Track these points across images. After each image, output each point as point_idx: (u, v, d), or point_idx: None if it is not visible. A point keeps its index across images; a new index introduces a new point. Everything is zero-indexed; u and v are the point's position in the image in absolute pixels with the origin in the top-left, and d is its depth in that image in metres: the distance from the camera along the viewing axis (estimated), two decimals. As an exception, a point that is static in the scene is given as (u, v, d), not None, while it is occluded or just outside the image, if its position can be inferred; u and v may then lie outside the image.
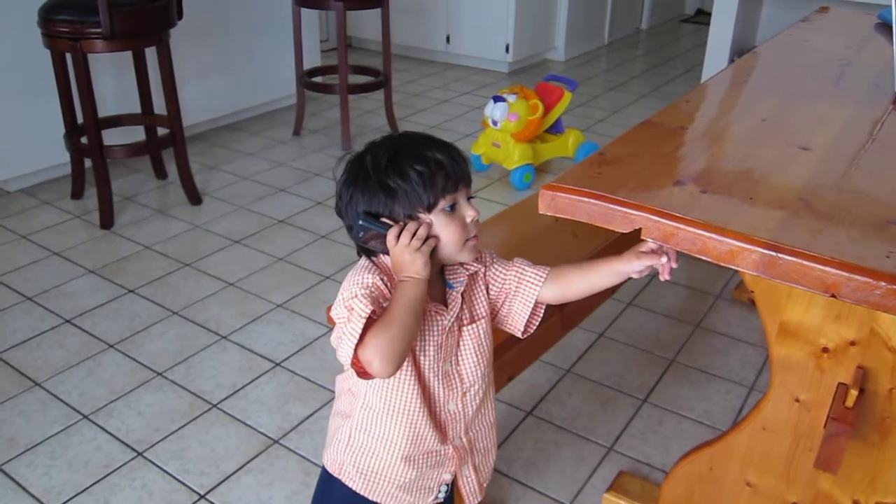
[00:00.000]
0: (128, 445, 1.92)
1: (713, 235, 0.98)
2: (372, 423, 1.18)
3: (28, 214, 3.09)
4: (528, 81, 4.04)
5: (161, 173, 3.40)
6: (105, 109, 3.15)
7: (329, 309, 1.12)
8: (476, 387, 1.20)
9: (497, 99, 3.31)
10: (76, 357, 2.23)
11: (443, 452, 1.21)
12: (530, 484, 1.83)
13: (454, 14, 5.19)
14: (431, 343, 1.12)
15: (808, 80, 1.82)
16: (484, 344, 1.18)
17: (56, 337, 2.33)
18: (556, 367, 2.23)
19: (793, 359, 1.36)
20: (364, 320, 1.00)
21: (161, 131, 3.27)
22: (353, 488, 1.22)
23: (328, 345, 2.31)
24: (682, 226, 1.00)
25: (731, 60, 4.05)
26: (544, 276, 1.19)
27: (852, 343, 1.27)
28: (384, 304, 1.04)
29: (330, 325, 1.13)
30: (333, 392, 2.10)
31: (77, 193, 3.20)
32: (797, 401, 1.40)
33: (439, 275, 1.14)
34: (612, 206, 1.03)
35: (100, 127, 2.93)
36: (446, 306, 1.13)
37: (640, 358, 2.30)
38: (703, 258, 1.00)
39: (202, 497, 1.77)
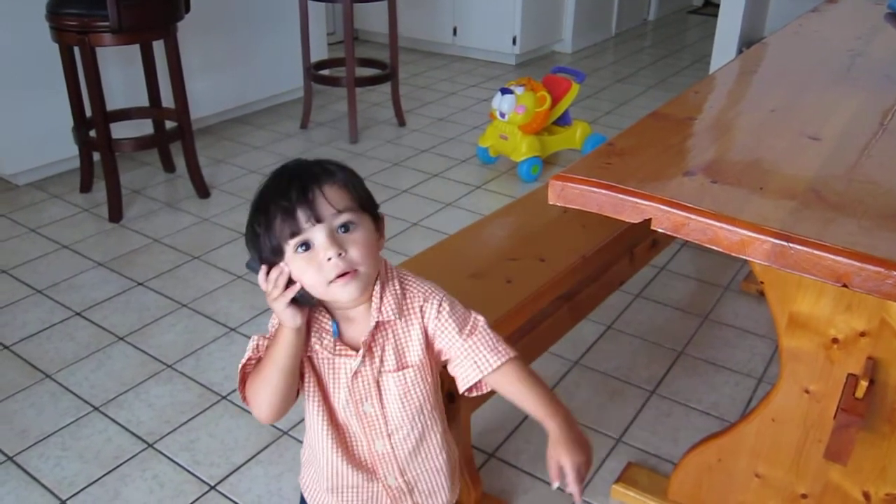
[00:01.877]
0: (138, 437, 1.93)
1: (724, 225, 0.98)
2: (304, 451, 1.21)
3: (37, 208, 3.10)
4: (535, 73, 4.03)
5: (169, 166, 3.41)
6: (113, 103, 3.15)
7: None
8: (404, 431, 1.09)
9: (505, 91, 3.31)
10: (86, 349, 2.25)
11: (372, 489, 1.14)
12: (538, 475, 1.83)
13: (461, 6, 5.18)
14: (340, 385, 1.05)
15: (817, 70, 1.81)
16: (413, 391, 1.07)
17: (66, 329, 2.34)
18: (565, 358, 2.23)
19: (802, 350, 1.36)
20: (240, 369, 1.06)
21: (169, 125, 3.28)
22: None
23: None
24: (692, 216, 1.00)
25: (740, 52, 4.04)
26: (493, 368, 1.05)
27: (862, 334, 1.27)
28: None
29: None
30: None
31: (86, 187, 3.21)
32: (807, 392, 1.40)
33: (364, 315, 1.04)
34: (621, 196, 1.03)
35: (108, 120, 2.93)
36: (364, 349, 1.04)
37: (649, 350, 2.29)
38: (714, 248, 0.99)
39: (212, 488, 1.78)
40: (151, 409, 2.02)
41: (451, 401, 1.58)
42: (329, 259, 0.94)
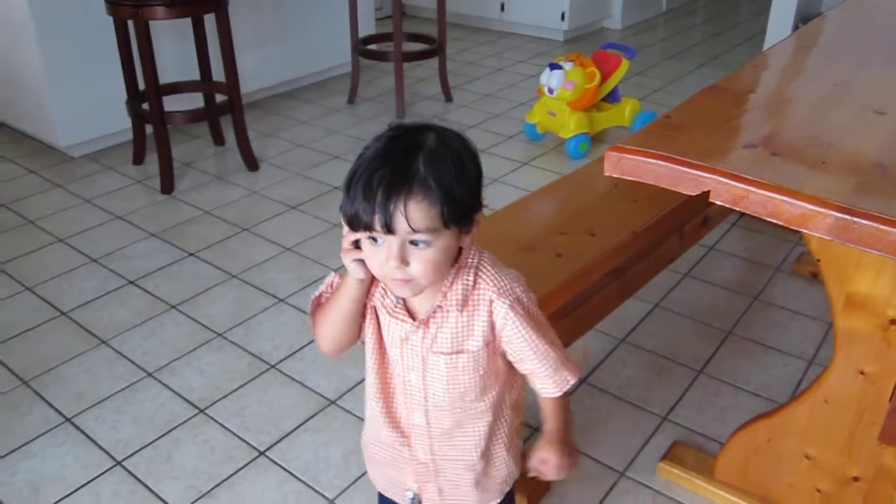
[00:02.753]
0: (190, 403, 1.97)
1: (785, 198, 0.96)
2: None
3: (91, 179, 3.17)
4: (583, 50, 3.97)
5: (219, 140, 3.45)
6: (165, 76, 3.20)
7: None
8: (443, 411, 1.10)
9: (553, 67, 3.27)
10: (140, 317, 2.30)
11: (402, 454, 1.17)
12: (583, 450, 1.83)
13: (509, -19, 5.13)
14: (394, 343, 1.08)
15: (880, 44, 1.76)
16: (461, 377, 1.07)
17: (120, 297, 2.40)
18: (611, 335, 2.22)
19: (859, 330, 1.33)
20: (312, 300, 1.11)
21: (219, 98, 3.32)
22: None
23: (383, 310, 2.33)
24: (752, 188, 0.98)
25: (796, 27, 3.93)
26: (549, 395, 1.12)
27: (923, 314, 1.24)
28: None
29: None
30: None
31: (138, 159, 3.27)
32: (862, 373, 1.38)
33: (432, 291, 1.04)
34: (680, 167, 1.02)
35: (160, 94, 2.98)
36: (420, 323, 1.05)
37: (697, 329, 2.27)
38: (774, 221, 0.98)
39: (262, 454, 1.82)
40: (203, 375, 2.06)
41: (498, 374, 1.58)
42: (390, 266, 0.94)
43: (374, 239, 0.94)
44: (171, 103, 3.12)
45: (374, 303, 1.07)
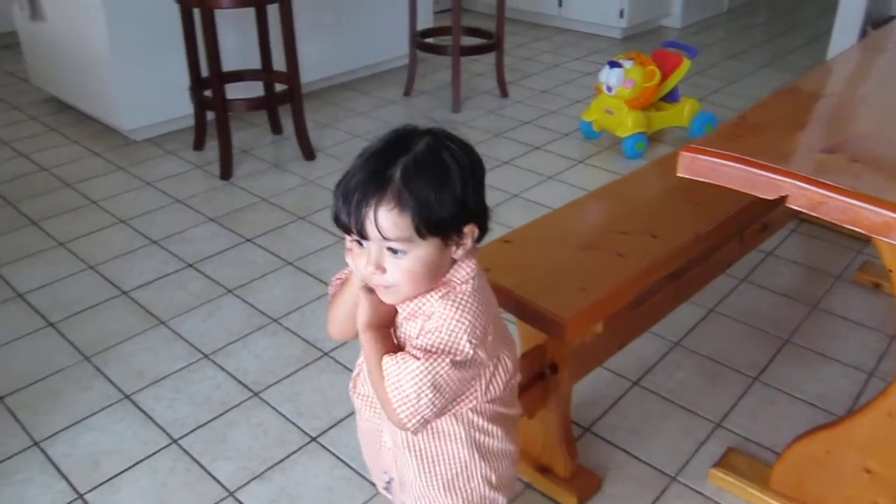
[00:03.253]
0: (245, 385, 2.01)
1: (867, 206, 0.94)
2: None
3: (153, 163, 3.24)
4: (641, 48, 3.92)
5: (277, 128, 3.50)
6: (227, 65, 3.25)
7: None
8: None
9: (613, 64, 3.24)
10: (198, 299, 2.35)
11: (378, 439, 1.17)
12: (633, 452, 1.82)
13: (568, -23, 5.09)
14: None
15: (962, 50, 1.70)
16: None
17: (179, 279, 2.45)
18: (665, 339, 2.20)
19: (931, 343, 1.30)
20: (331, 281, 1.15)
21: (278, 88, 3.36)
22: None
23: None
24: (832, 194, 0.96)
25: (864, 30, 3.82)
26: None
27: None
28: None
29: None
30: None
31: (198, 145, 3.33)
32: (931, 387, 1.34)
33: None
34: (756, 170, 1.00)
35: (223, 81, 3.02)
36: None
37: (752, 335, 2.23)
38: (854, 229, 0.95)
39: (313, 440, 1.84)
40: (258, 360, 2.10)
41: (553, 371, 1.58)
42: (371, 273, 0.96)
43: (359, 242, 0.96)
44: (233, 91, 3.16)
45: None
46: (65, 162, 3.25)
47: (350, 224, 0.93)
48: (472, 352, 0.98)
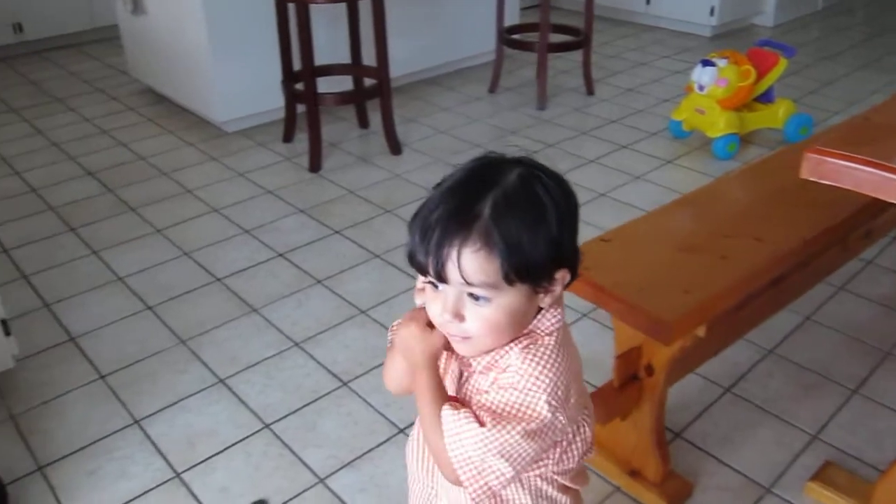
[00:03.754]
0: (334, 375, 2.04)
1: None
2: None
3: (244, 154, 3.32)
4: (732, 47, 3.81)
5: (364, 122, 3.54)
6: (317, 59, 3.30)
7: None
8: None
9: (706, 63, 3.16)
10: (288, 288, 2.40)
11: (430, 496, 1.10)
12: (725, 460, 1.77)
13: (657, -26, 5.00)
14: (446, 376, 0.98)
15: None
16: None
17: (270, 268, 2.50)
18: (758, 346, 2.14)
19: None
20: (390, 329, 1.02)
21: (367, 82, 3.40)
22: None
23: (522, 300, 2.33)
24: (973, 201, 0.92)
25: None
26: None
27: None
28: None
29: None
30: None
31: (288, 137, 3.40)
32: None
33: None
34: (888, 174, 0.96)
35: (315, 75, 3.08)
36: (465, 366, 0.95)
37: (850, 346, 2.15)
38: None
39: (401, 431, 1.86)
40: (347, 350, 2.13)
41: (649, 374, 1.56)
42: (445, 320, 0.85)
43: (434, 284, 0.85)
44: (322, 85, 3.22)
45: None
46: (161, 151, 3.37)
47: (427, 265, 0.82)
48: (550, 415, 0.86)
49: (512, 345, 0.88)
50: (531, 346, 0.87)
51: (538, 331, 0.89)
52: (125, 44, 4.02)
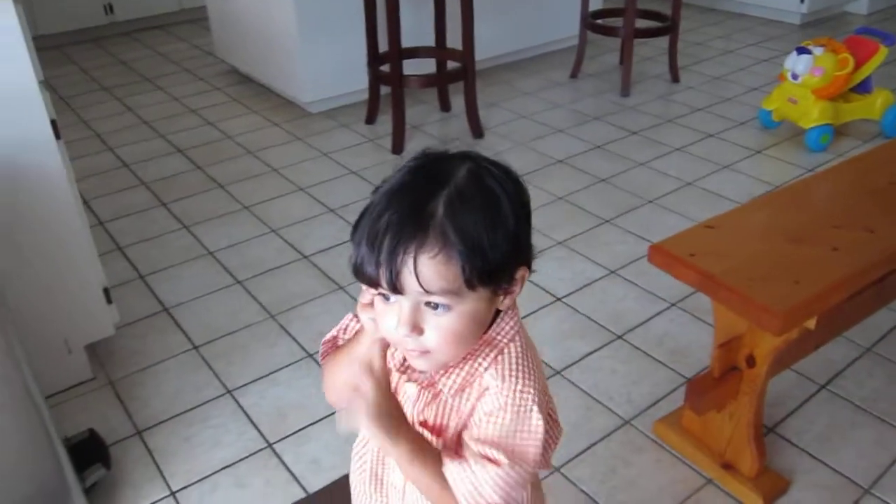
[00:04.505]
0: (421, 354, 2.05)
1: None
2: None
3: (328, 135, 3.36)
4: (822, 35, 3.67)
5: (446, 106, 3.54)
6: (402, 41, 3.31)
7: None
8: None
9: (801, 51, 3.06)
10: (373, 268, 2.41)
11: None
12: (822, 458, 1.72)
13: (746, -41, 4.85)
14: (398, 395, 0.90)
15: None
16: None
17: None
18: (856, 343, 2.06)
19: None
20: (323, 342, 0.99)
21: (450, 66, 3.39)
22: None
23: (609, 287, 2.31)
24: None
25: None
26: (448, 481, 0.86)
27: None
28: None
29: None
30: (613, 334, 2.11)
31: (371, 119, 3.42)
32: None
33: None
34: None
35: (401, 58, 3.09)
36: (426, 386, 0.86)
37: (955, 347, 2.06)
38: None
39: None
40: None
41: (750, 365, 1.52)
42: (401, 334, 0.77)
43: (385, 296, 0.77)
44: (405, 68, 3.23)
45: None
46: (247, 130, 3.43)
47: (379, 276, 0.74)
48: (543, 423, 0.82)
49: (479, 361, 0.82)
50: (500, 360, 0.82)
51: (499, 339, 0.83)
52: (212, 25, 4.10)
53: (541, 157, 3.10)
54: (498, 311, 0.83)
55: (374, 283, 0.75)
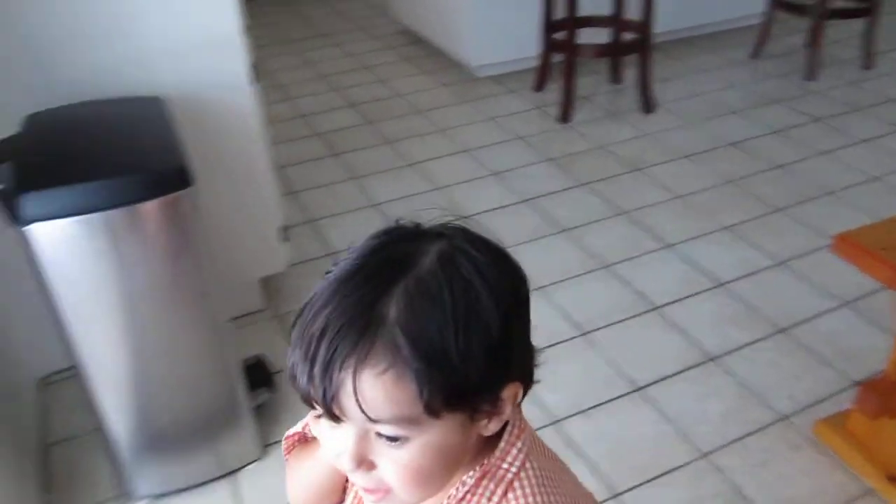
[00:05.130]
0: (574, 323, 2.05)
1: None
2: None
3: (495, 100, 3.38)
4: None
5: (617, 78, 3.47)
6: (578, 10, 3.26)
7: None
8: None
9: None
10: (533, 234, 2.43)
11: None
12: None
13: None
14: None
15: None
16: None
17: (515, 211, 2.55)
18: None
19: None
20: (285, 438, 0.81)
21: (625, 37, 3.31)
22: None
23: (777, 278, 2.22)
24: None
25: None
26: None
27: None
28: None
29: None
30: (777, 326, 2.02)
31: (539, 86, 3.41)
32: None
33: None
34: None
35: (576, 26, 3.05)
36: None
37: None
38: None
39: (638, 390, 1.85)
40: (587, 301, 2.13)
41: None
42: (347, 466, 0.61)
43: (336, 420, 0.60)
44: (580, 37, 3.18)
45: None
46: (416, 90, 3.51)
47: (311, 393, 0.57)
48: None
49: (473, 490, 0.65)
50: (511, 499, 0.64)
51: (503, 468, 0.65)
52: (389, -15, 4.21)
53: (712, 138, 2.98)
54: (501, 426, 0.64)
55: (309, 401, 0.59)
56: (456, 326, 0.55)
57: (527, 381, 0.64)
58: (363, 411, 0.55)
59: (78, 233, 1.33)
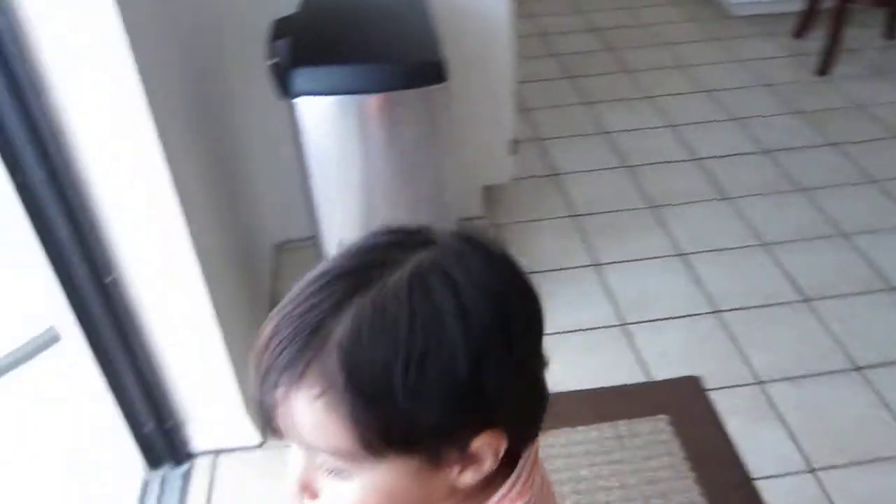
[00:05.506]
0: (797, 288, 1.94)
1: None
2: None
3: (747, 42, 3.17)
4: None
5: (892, 33, 3.12)
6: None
7: None
8: None
9: None
10: (767, 187, 2.30)
11: None
12: None
13: None
14: None
15: None
16: None
17: (753, 162, 2.42)
18: None
19: None
20: None
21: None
22: None
23: None
24: None
25: None
26: None
27: None
28: None
29: None
30: None
31: (799, 33, 3.14)
32: None
33: None
34: None
35: (859, -31, 2.76)
36: None
37: None
38: None
39: (857, 369, 1.73)
40: (815, 267, 2.00)
41: None
42: (297, 479, 0.55)
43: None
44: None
45: None
46: (662, 21, 3.36)
47: (262, 414, 0.52)
48: None
49: None
50: None
51: None
52: None
53: None
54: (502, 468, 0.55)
55: (258, 402, 0.53)
56: (407, 361, 0.47)
57: (522, 431, 0.55)
58: (298, 435, 0.50)
59: (339, 110, 1.43)
